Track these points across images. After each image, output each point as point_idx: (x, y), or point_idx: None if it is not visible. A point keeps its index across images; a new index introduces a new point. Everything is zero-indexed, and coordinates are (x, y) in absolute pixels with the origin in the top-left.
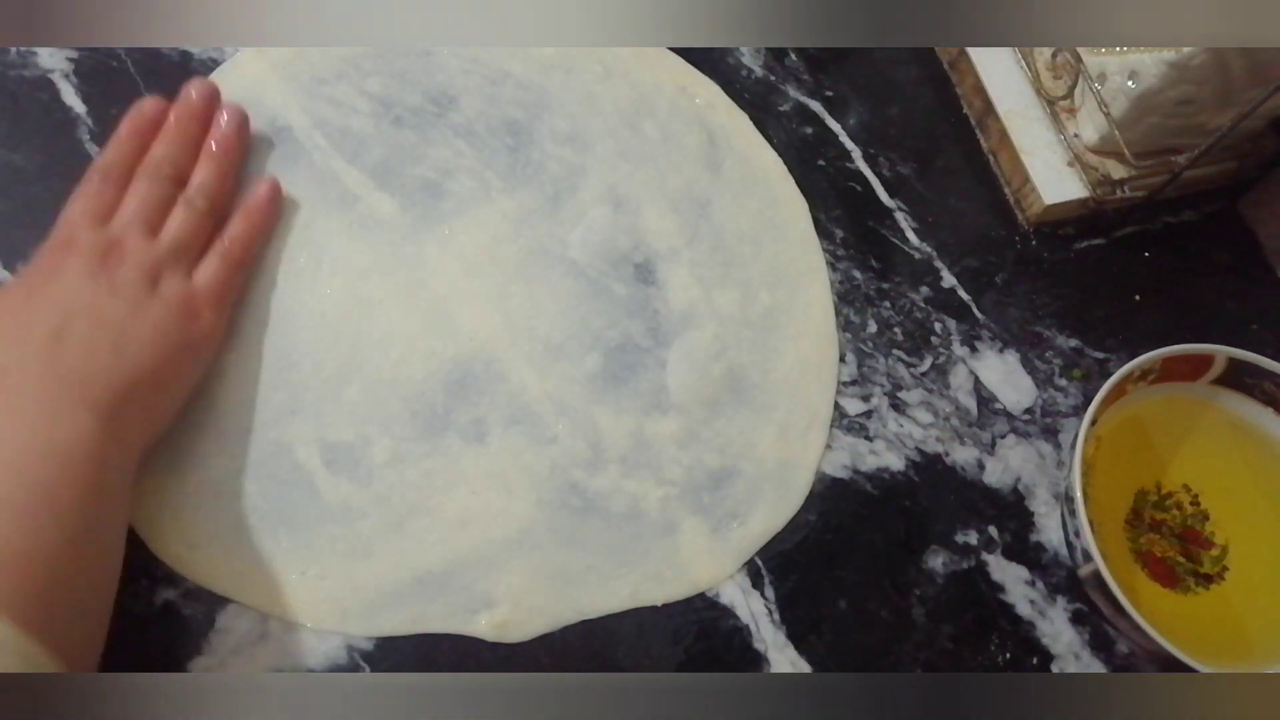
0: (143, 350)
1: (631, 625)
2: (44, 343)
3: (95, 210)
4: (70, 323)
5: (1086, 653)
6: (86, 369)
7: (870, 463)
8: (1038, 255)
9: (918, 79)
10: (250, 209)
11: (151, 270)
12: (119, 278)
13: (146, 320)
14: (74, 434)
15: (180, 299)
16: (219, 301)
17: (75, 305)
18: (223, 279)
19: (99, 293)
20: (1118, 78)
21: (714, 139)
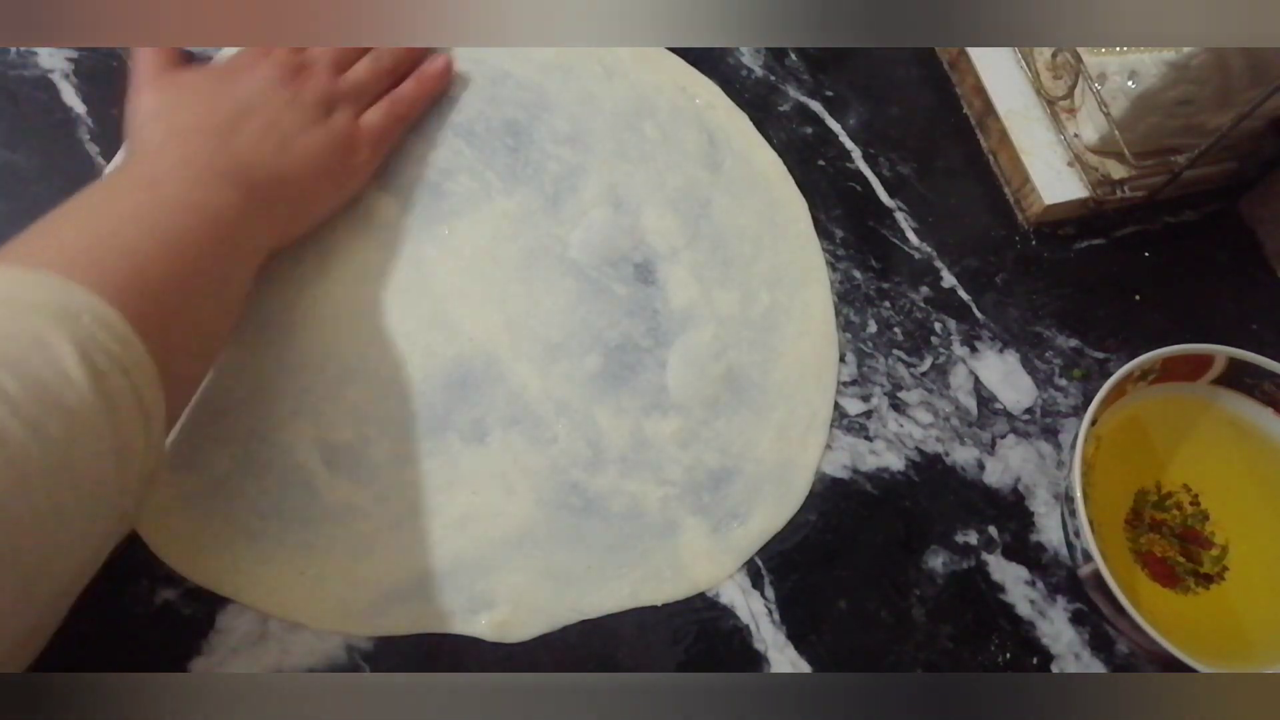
0: (301, 159)
1: (631, 625)
2: (220, 124)
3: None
4: (248, 115)
5: (1086, 653)
6: (249, 157)
7: (870, 463)
8: (1038, 255)
9: (918, 79)
10: (424, 73)
11: (328, 99)
12: (300, 95)
13: (312, 137)
14: (222, 201)
15: (345, 131)
16: (377, 143)
17: (256, 102)
18: (385, 126)
19: (280, 100)
20: (1118, 78)
21: (714, 139)
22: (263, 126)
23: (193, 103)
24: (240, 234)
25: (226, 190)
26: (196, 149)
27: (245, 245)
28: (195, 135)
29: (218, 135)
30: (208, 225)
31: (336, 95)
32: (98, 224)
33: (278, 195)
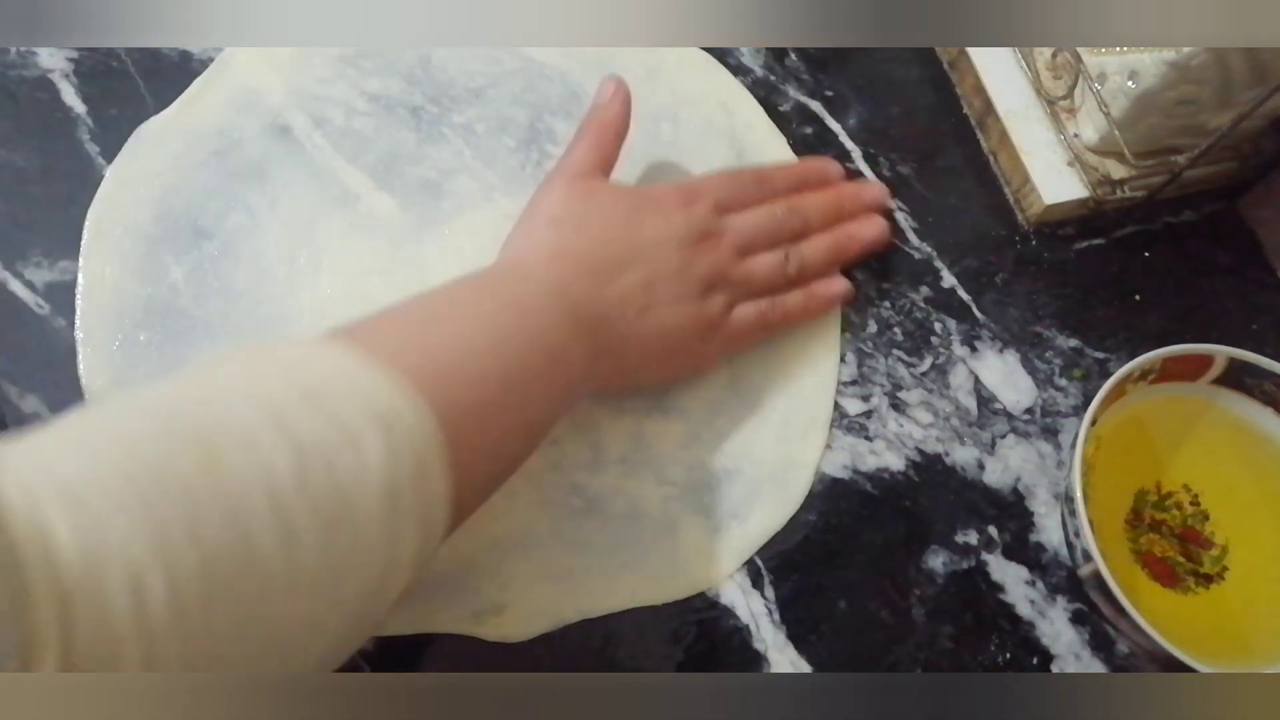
0: (656, 329)
1: (631, 625)
2: (605, 264)
3: (727, 197)
4: (633, 265)
5: (1086, 653)
6: (610, 310)
7: (870, 463)
8: (1038, 255)
9: (918, 79)
10: (814, 293)
11: (716, 279)
12: (691, 266)
13: (677, 312)
14: (572, 350)
15: (711, 319)
16: (733, 341)
17: (648, 255)
18: (751, 328)
19: (670, 263)
20: (1118, 78)
21: (742, 154)
22: (641, 282)
23: (595, 227)
24: (573, 385)
25: (579, 339)
26: (572, 284)
27: (571, 392)
28: (580, 267)
29: (596, 276)
30: (550, 372)
31: (726, 278)
32: (461, 336)
33: (619, 354)
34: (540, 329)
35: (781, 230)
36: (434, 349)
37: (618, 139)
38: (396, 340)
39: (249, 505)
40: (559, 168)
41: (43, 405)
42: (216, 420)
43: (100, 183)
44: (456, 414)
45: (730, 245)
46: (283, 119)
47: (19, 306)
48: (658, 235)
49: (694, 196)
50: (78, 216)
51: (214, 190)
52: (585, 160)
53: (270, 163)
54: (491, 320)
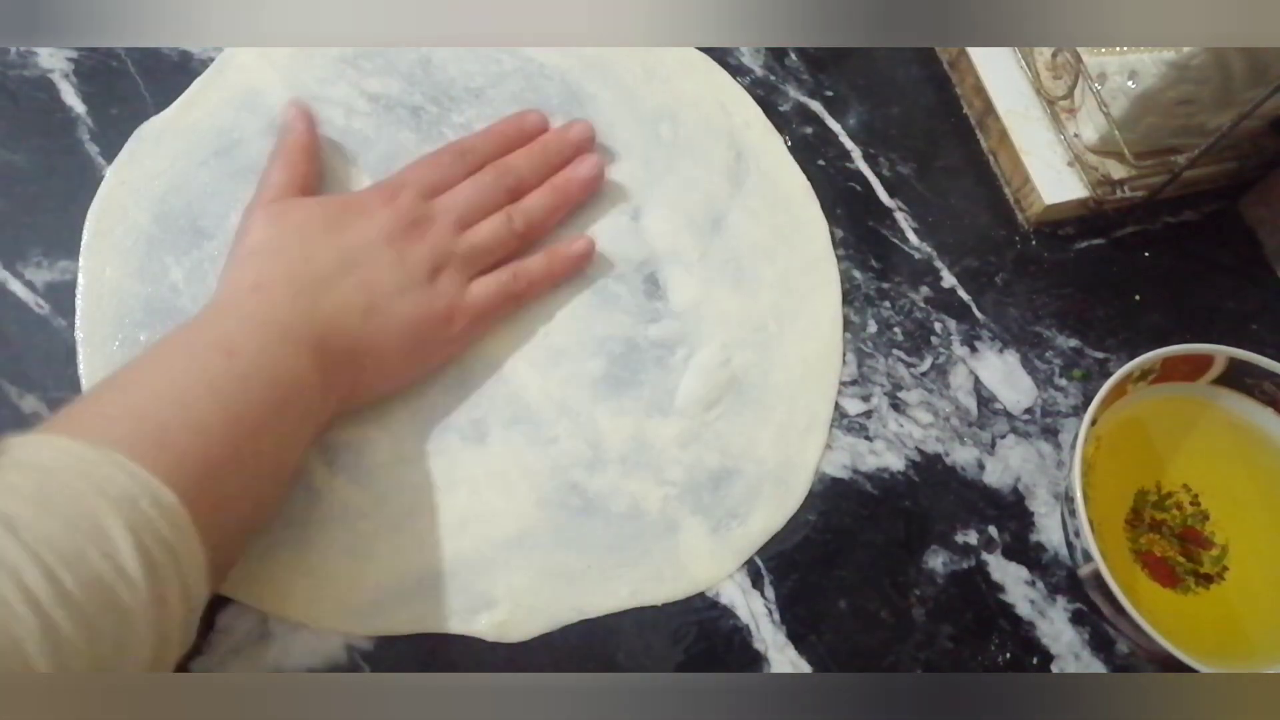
0: (387, 327)
1: (631, 625)
2: (313, 280)
3: (432, 181)
4: (345, 271)
5: (1086, 653)
6: (333, 320)
7: (870, 463)
8: (1038, 255)
9: (918, 79)
10: (555, 252)
11: (439, 260)
12: (407, 254)
13: (406, 303)
14: (297, 372)
15: (446, 299)
16: (478, 319)
17: (358, 257)
18: (494, 301)
19: (385, 259)
20: (1118, 78)
21: (742, 156)
22: (356, 286)
23: (294, 246)
24: (309, 408)
25: (302, 359)
26: (281, 309)
27: (311, 419)
28: (284, 290)
29: (306, 294)
30: (278, 399)
31: (449, 256)
32: (169, 391)
33: (355, 365)
34: (255, 364)
35: (497, 195)
36: (147, 414)
37: (308, 157)
38: (111, 415)
39: (9, 614)
40: (254, 198)
41: (43, 405)
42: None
43: (100, 183)
44: (188, 472)
45: (446, 225)
46: (283, 119)
47: (19, 306)
48: (364, 237)
49: (396, 190)
50: (78, 216)
51: (214, 190)
52: (278, 183)
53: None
54: (200, 368)
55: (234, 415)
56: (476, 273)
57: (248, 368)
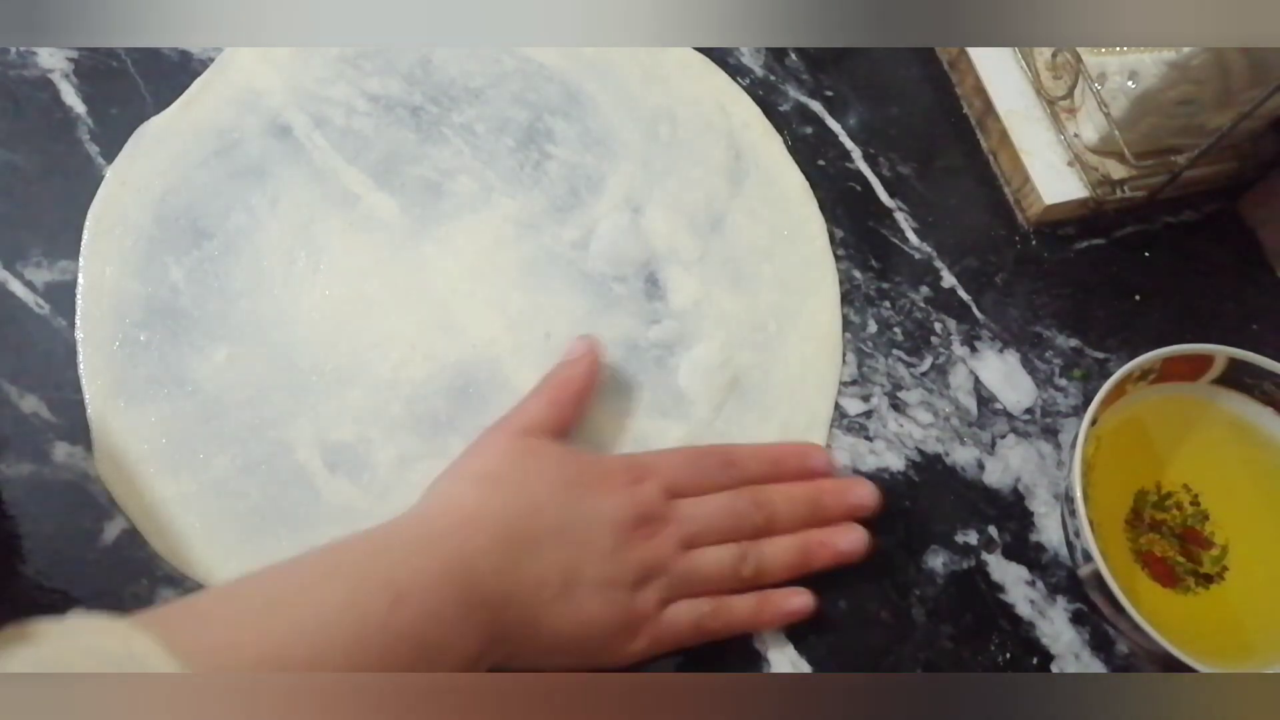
0: (571, 619)
1: None
2: (523, 536)
3: (683, 480)
4: (558, 538)
5: (1086, 653)
6: (519, 591)
7: (870, 463)
8: (1038, 255)
9: (918, 79)
10: (769, 601)
11: (653, 570)
12: (628, 551)
13: (601, 599)
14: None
15: (638, 614)
16: (659, 644)
17: (578, 533)
18: (683, 633)
19: (602, 545)
20: (1118, 78)
21: (741, 156)
22: (561, 564)
23: (523, 494)
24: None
25: (467, 627)
26: (477, 557)
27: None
28: (490, 538)
29: (512, 550)
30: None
31: (664, 571)
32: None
33: (518, 639)
34: (418, 618)
35: (741, 524)
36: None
37: (578, 400)
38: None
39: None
40: (505, 419)
41: (43, 405)
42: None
43: (100, 183)
44: None
45: (675, 534)
46: (283, 119)
47: (19, 306)
48: (594, 512)
49: (644, 474)
50: (78, 216)
51: (214, 190)
52: (536, 416)
53: (270, 163)
54: (353, 611)
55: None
56: (680, 596)
57: (408, 623)
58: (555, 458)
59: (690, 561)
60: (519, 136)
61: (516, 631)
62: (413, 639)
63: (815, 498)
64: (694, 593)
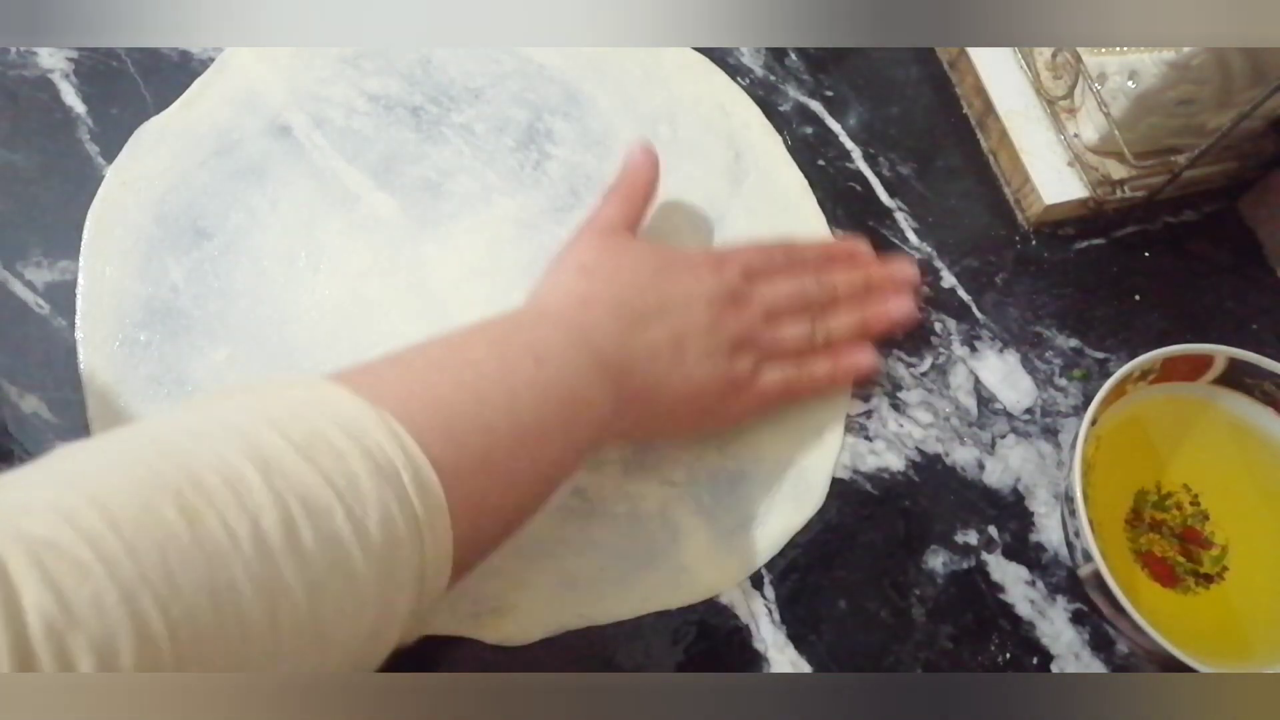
0: (684, 382)
1: (631, 626)
2: (633, 312)
3: (757, 266)
4: (663, 315)
5: (1086, 653)
6: (638, 359)
7: (870, 463)
8: (1038, 255)
9: (918, 79)
10: (845, 366)
11: (744, 341)
12: (722, 323)
13: (705, 367)
14: (592, 400)
15: (738, 378)
16: (759, 402)
17: (678, 308)
18: (776, 390)
19: (701, 319)
20: (1118, 78)
21: (740, 155)
22: (669, 332)
23: (625, 277)
24: (594, 434)
25: (603, 389)
26: (597, 331)
27: (592, 443)
28: (603, 312)
29: (624, 324)
30: (571, 419)
31: (754, 340)
32: (471, 385)
33: (645, 405)
34: (559, 376)
35: (809, 301)
36: (438, 398)
37: (646, 200)
38: (399, 388)
39: (231, 556)
40: (589, 222)
41: (43, 405)
42: (202, 467)
43: (100, 183)
44: (460, 467)
45: (759, 310)
46: (283, 119)
47: (19, 306)
48: (688, 292)
49: (724, 261)
50: (78, 216)
51: (214, 190)
52: (616, 216)
53: (270, 163)
54: (503, 368)
55: (524, 425)
56: (769, 362)
57: (552, 379)
58: (642, 248)
59: (773, 332)
60: (519, 136)
61: (640, 396)
62: (557, 395)
63: (867, 275)
64: (779, 359)
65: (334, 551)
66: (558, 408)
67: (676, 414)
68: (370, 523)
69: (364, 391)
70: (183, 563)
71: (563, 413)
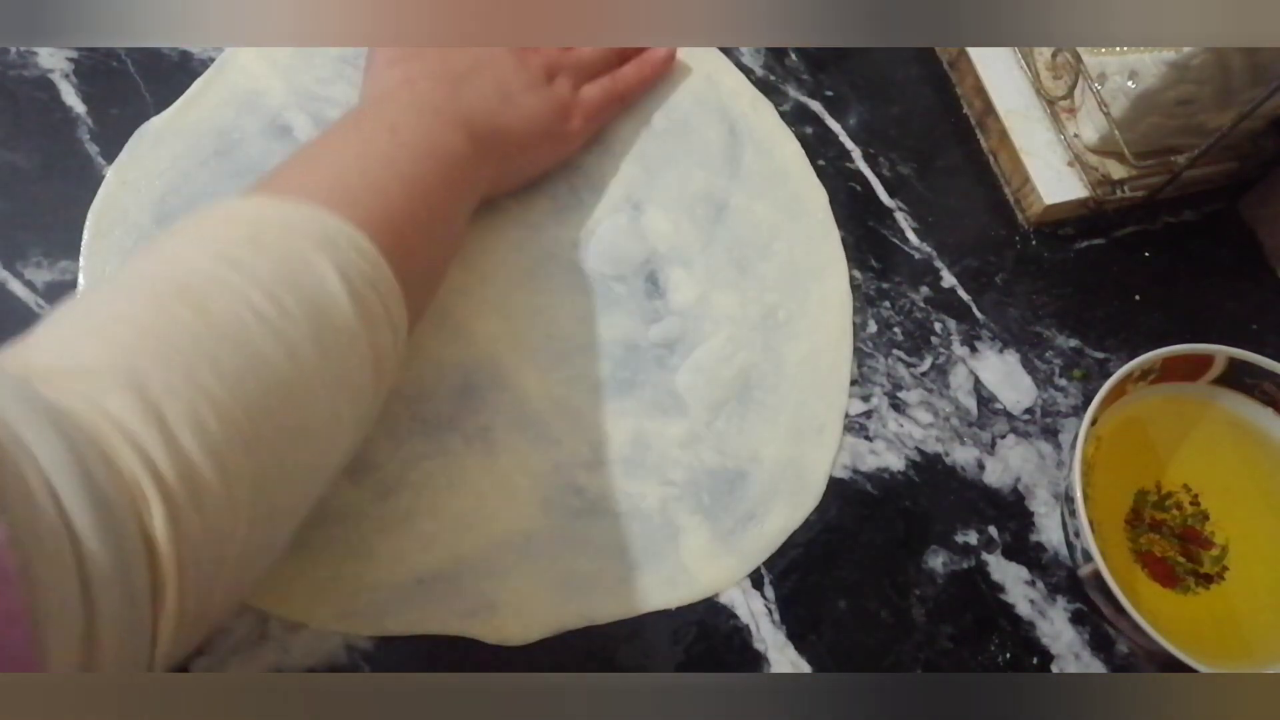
0: (521, 115)
1: (631, 625)
2: (451, 73)
3: None
4: (477, 70)
5: (1086, 653)
6: (475, 106)
7: (870, 463)
8: (1038, 255)
9: (918, 79)
10: (646, 59)
11: (552, 69)
12: (529, 60)
13: (532, 98)
14: (452, 145)
15: (563, 100)
16: (592, 114)
17: (485, 61)
18: (602, 100)
19: (507, 63)
20: (1118, 78)
21: (735, 129)
22: (490, 81)
23: (428, 55)
24: (466, 176)
25: (455, 135)
26: (428, 95)
27: (469, 187)
28: (427, 82)
29: (449, 83)
30: (441, 168)
31: (560, 66)
32: (349, 163)
33: (498, 145)
34: (417, 138)
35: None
36: (336, 180)
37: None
38: (305, 182)
39: (247, 332)
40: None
41: None
42: (187, 276)
43: (100, 183)
44: (376, 225)
45: (556, 50)
46: (283, 119)
47: (19, 306)
48: (489, 51)
49: None
50: (78, 216)
51: (214, 190)
52: None
53: (270, 163)
54: (372, 144)
55: (407, 179)
56: (583, 81)
57: (411, 141)
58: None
59: (575, 54)
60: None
61: (489, 138)
62: (423, 151)
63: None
64: (589, 75)
65: (316, 311)
66: (428, 163)
67: (526, 146)
68: (331, 284)
69: (279, 194)
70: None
71: (434, 167)
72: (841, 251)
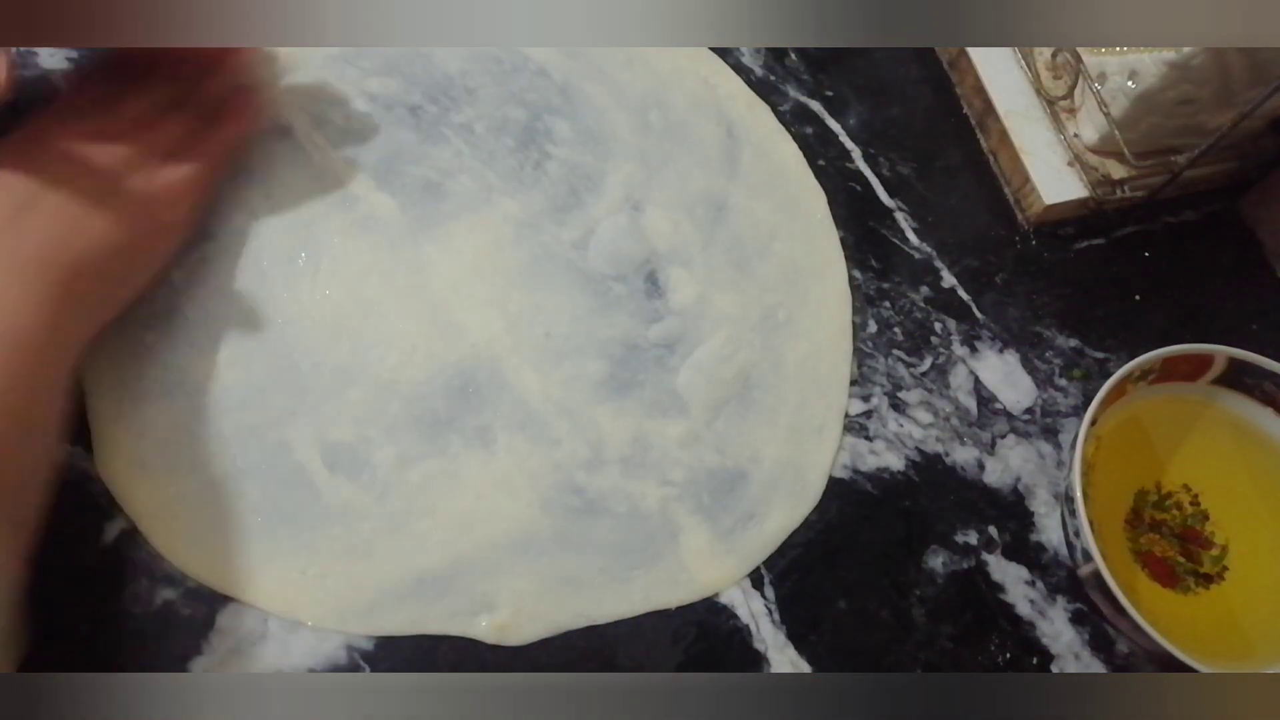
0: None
1: (631, 626)
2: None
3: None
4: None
5: (1086, 653)
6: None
7: (870, 463)
8: (1038, 255)
9: (918, 79)
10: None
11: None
12: (90, 163)
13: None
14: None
15: (142, 195)
16: (185, 197)
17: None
18: (193, 176)
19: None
20: (1118, 78)
21: (732, 131)
22: (51, 209)
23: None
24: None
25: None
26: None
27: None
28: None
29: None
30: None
31: (133, 154)
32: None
33: (78, 285)
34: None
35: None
36: None
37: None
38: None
39: None
40: None
41: None
42: None
43: None
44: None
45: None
46: (283, 119)
47: None
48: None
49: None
50: None
51: (214, 190)
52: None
53: (270, 163)
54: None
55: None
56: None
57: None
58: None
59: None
60: (518, 136)
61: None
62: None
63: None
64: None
65: None
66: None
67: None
68: None
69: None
70: None
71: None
72: (841, 251)
